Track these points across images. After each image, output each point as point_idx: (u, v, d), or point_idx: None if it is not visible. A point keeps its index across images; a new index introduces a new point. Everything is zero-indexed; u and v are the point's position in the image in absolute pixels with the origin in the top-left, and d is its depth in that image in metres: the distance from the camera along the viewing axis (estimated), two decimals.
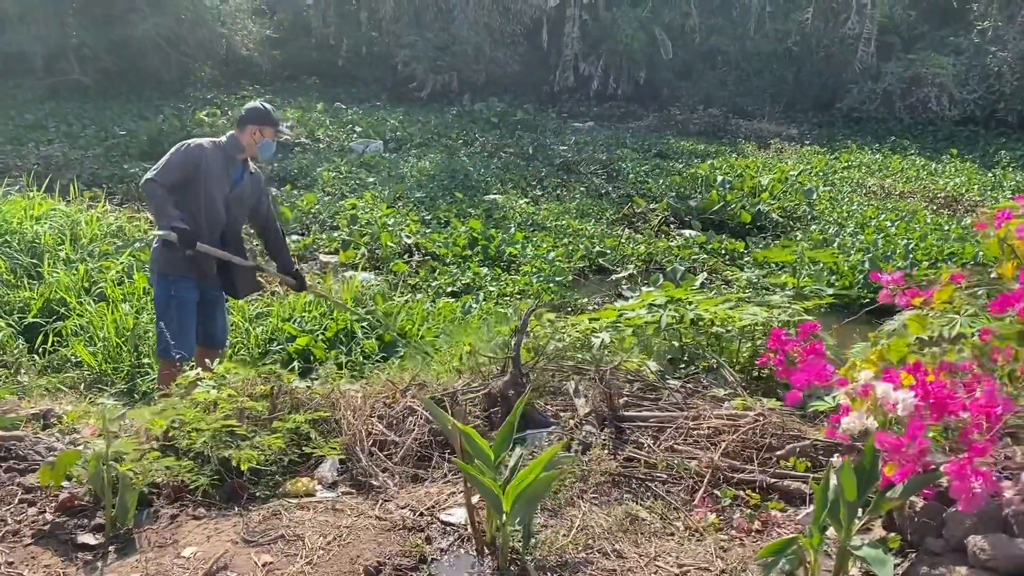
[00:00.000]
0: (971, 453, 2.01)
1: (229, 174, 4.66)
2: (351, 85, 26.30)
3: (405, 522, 2.76)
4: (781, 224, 12.93)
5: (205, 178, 4.54)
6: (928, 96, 23.01)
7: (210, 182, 4.56)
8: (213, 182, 4.57)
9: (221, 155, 4.62)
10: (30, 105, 19.24)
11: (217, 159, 4.59)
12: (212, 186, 4.57)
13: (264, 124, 4.67)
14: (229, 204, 4.69)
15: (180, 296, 4.51)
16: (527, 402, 3.55)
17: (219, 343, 5.01)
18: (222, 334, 5.04)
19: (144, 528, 2.67)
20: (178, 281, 4.51)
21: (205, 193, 4.55)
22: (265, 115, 4.69)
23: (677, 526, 2.90)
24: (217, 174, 4.59)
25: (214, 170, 4.58)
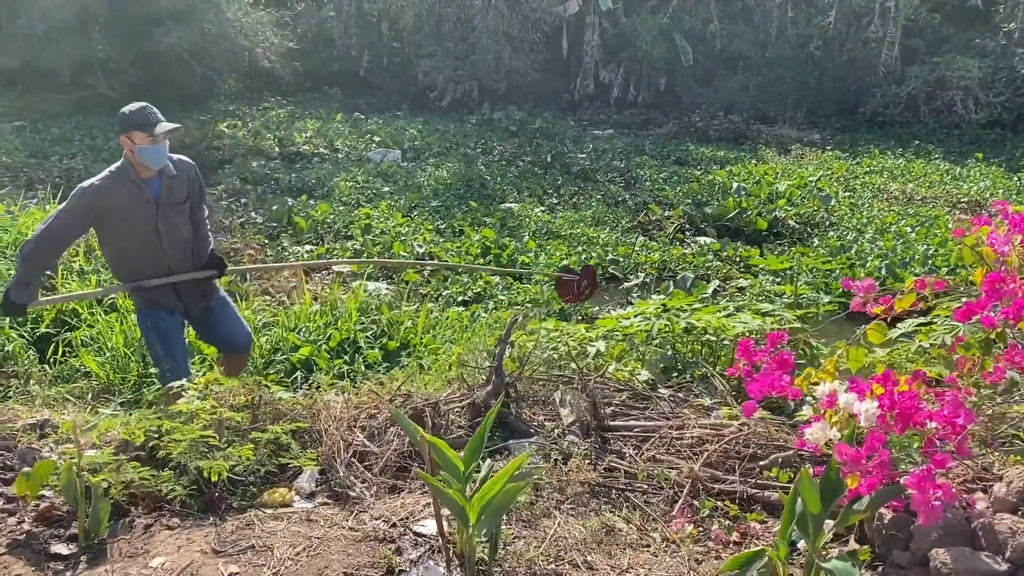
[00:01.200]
0: (931, 465, 1.97)
1: (144, 196, 4.14)
2: (372, 95, 26.51)
3: (377, 533, 2.76)
4: (798, 230, 12.82)
5: (112, 217, 4.12)
6: (953, 99, 22.71)
7: (121, 216, 4.13)
8: (126, 214, 4.13)
9: (123, 182, 4.11)
10: (57, 119, 19.59)
11: (120, 190, 4.10)
12: (126, 219, 4.14)
13: (131, 129, 4.01)
14: (159, 225, 4.20)
15: (157, 326, 4.32)
16: (512, 412, 3.55)
17: (232, 347, 4.71)
18: (234, 337, 4.68)
19: (118, 538, 2.69)
20: (153, 312, 4.35)
21: (121, 229, 4.17)
22: (128, 119, 4.02)
23: (654, 537, 2.88)
24: (129, 204, 4.12)
25: (124, 203, 4.11)
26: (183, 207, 4.30)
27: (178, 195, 4.26)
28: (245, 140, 17.99)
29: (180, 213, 4.29)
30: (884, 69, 24.08)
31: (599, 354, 4.48)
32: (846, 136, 22.70)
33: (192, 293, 4.46)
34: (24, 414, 4.43)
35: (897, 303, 2.29)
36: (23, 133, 17.35)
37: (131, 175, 4.13)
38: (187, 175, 4.33)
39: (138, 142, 4.01)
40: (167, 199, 4.20)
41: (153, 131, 4.00)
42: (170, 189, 4.21)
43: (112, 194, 4.10)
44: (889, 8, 24.30)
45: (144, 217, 4.15)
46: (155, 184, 4.19)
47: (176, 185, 4.24)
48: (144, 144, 4.01)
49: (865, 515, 2.28)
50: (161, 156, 4.11)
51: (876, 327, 2.36)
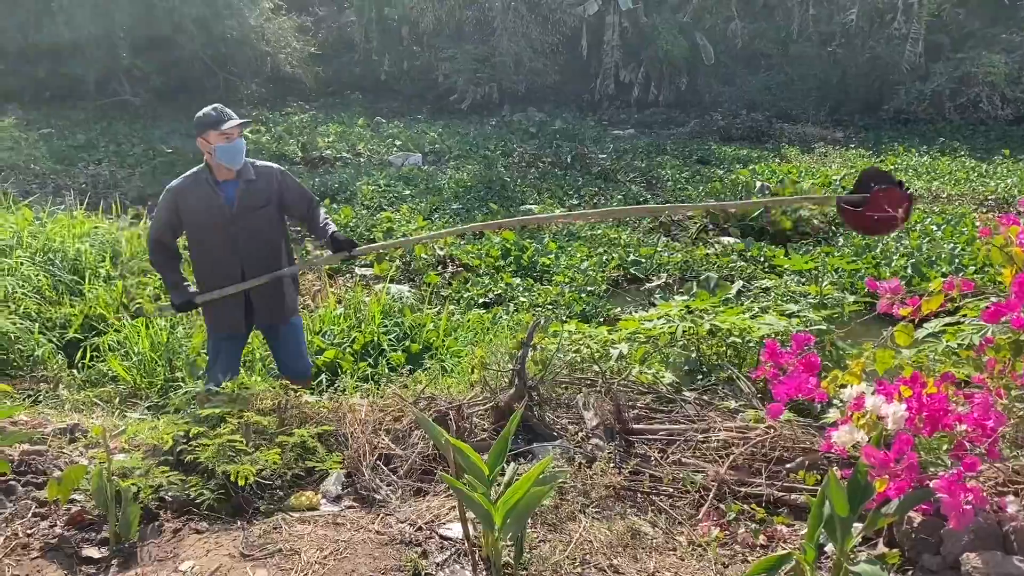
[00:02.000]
0: (961, 468, 1.95)
1: (218, 198, 4.18)
2: (393, 99, 26.63)
3: (403, 536, 2.77)
4: (823, 230, 12.71)
5: (190, 219, 4.22)
6: (979, 96, 22.47)
7: (198, 219, 4.22)
8: (202, 217, 4.21)
9: (200, 184, 4.19)
10: (82, 125, 19.85)
11: (196, 192, 4.19)
12: (202, 221, 4.22)
13: (204, 129, 4.07)
14: (231, 229, 4.23)
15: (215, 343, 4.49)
16: (535, 416, 3.55)
17: (291, 373, 4.61)
18: (292, 363, 4.68)
19: (148, 542, 2.72)
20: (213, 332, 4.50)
21: (197, 232, 4.26)
22: (201, 121, 4.09)
23: (680, 541, 2.87)
24: (204, 206, 4.19)
25: (199, 206, 4.19)
26: (263, 211, 4.28)
27: (256, 200, 4.24)
28: (268, 145, 18.12)
29: (260, 217, 4.28)
30: (908, 66, 23.85)
31: (622, 356, 4.46)
32: (870, 134, 22.50)
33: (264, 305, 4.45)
34: (54, 418, 4.49)
35: (924, 304, 2.27)
36: (50, 140, 17.58)
37: (208, 178, 4.18)
38: (268, 180, 4.31)
39: (213, 141, 4.06)
40: (242, 203, 4.21)
41: (222, 127, 4.03)
42: (246, 193, 4.22)
43: (189, 195, 4.18)
44: (912, 4, 24.06)
45: (218, 221, 4.19)
46: (230, 188, 4.20)
47: (254, 190, 4.24)
48: (219, 143, 4.05)
49: (894, 519, 2.26)
50: (238, 154, 4.13)
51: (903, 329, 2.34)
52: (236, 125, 4.10)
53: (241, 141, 4.18)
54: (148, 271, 8.06)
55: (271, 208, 4.33)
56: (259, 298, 4.41)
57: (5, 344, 6.22)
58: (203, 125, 4.08)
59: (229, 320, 4.42)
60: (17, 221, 8.65)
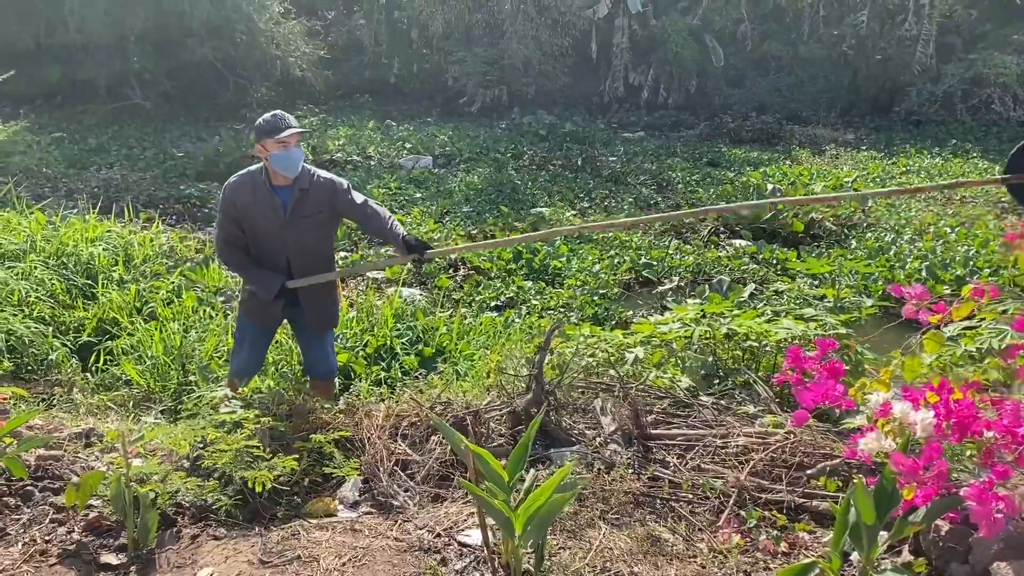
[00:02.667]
0: (992, 476, 1.92)
1: (273, 201, 4.22)
2: (403, 102, 26.65)
3: (422, 543, 2.75)
4: (835, 232, 12.65)
5: (252, 218, 4.26)
6: (991, 97, 22.34)
7: (251, 216, 4.26)
8: (256, 215, 4.25)
9: (258, 185, 4.25)
10: (94, 129, 19.92)
11: (255, 191, 4.24)
12: (255, 220, 4.26)
13: (263, 137, 4.10)
14: (283, 233, 4.27)
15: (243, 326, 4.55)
16: (552, 421, 3.53)
17: (317, 373, 4.73)
18: (318, 364, 4.71)
19: (166, 548, 2.71)
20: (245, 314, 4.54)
21: (250, 229, 4.30)
22: (260, 128, 4.13)
23: (700, 548, 2.84)
24: (258, 207, 4.23)
25: (254, 204, 4.24)
26: (314, 219, 4.30)
27: (308, 209, 4.27)
28: None
29: (311, 226, 4.30)
30: (919, 67, 23.73)
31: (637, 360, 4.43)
32: (881, 136, 22.39)
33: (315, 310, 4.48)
34: (69, 423, 4.50)
35: (954, 312, 2.24)
36: (62, 144, 17.65)
37: (264, 180, 4.21)
38: (321, 191, 4.30)
39: (270, 149, 4.08)
40: (295, 211, 4.23)
41: (280, 135, 4.04)
42: (300, 202, 4.24)
43: (245, 193, 4.23)
44: (924, 5, 23.95)
45: (269, 223, 4.23)
46: (286, 194, 4.22)
47: (308, 200, 4.26)
48: (275, 151, 4.07)
49: (921, 527, 2.22)
50: (294, 163, 4.14)
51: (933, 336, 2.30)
52: (293, 133, 4.11)
53: (299, 150, 4.19)
54: (161, 275, 8.08)
55: (323, 217, 4.34)
56: (309, 301, 4.43)
57: (19, 347, 6.24)
58: (260, 132, 4.12)
59: (266, 314, 4.45)
60: (30, 225, 8.67)
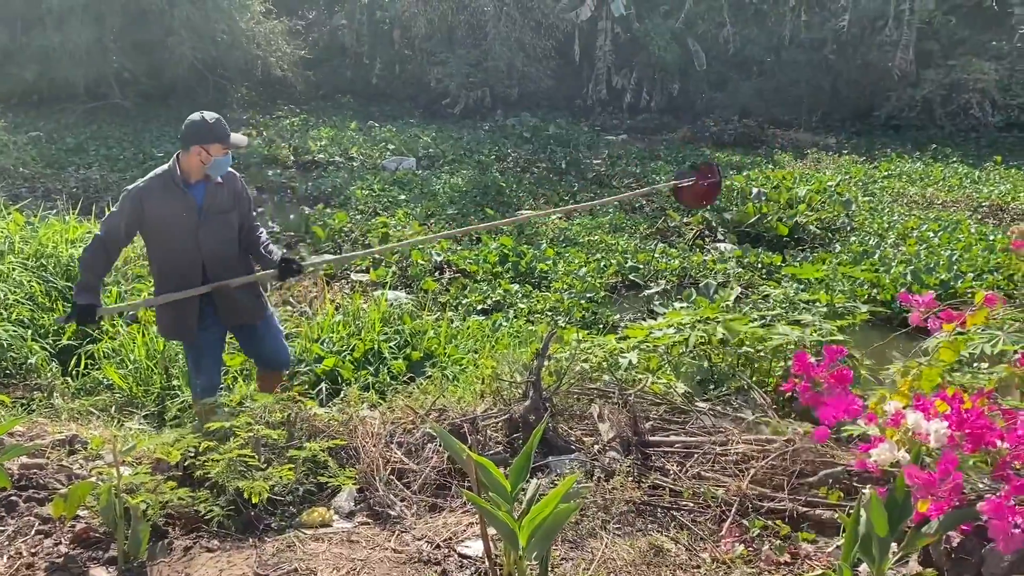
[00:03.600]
0: (1009, 490, 1.89)
1: (188, 202, 4.15)
2: (385, 103, 26.53)
3: (421, 555, 2.69)
4: (819, 236, 12.70)
5: (155, 221, 4.12)
6: (970, 102, 22.59)
7: (163, 221, 4.13)
8: (168, 218, 4.13)
9: (170, 187, 4.12)
10: (72, 129, 19.65)
11: (165, 194, 4.11)
12: (168, 223, 4.14)
13: (207, 142, 4.04)
14: (199, 232, 4.19)
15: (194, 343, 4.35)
16: (550, 428, 3.48)
17: (272, 364, 4.68)
18: (272, 355, 4.63)
19: (157, 561, 2.64)
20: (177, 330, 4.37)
21: (161, 233, 4.17)
22: (207, 130, 4.05)
23: (703, 558, 2.80)
24: (170, 208, 4.12)
25: (165, 208, 4.11)
26: (228, 217, 4.28)
27: (223, 204, 4.24)
28: (260, 149, 17.99)
29: (224, 224, 4.27)
30: (899, 72, 23.93)
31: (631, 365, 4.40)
32: (862, 140, 22.56)
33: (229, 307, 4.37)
34: (51, 429, 4.39)
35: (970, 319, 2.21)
36: (39, 143, 17.39)
37: (177, 180, 4.12)
38: (232, 185, 4.32)
39: (214, 153, 4.07)
40: (211, 206, 4.19)
41: (229, 142, 4.09)
42: (215, 196, 4.21)
43: (157, 196, 4.09)
44: (904, 11, 24.17)
45: (185, 223, 4.13)
46: (199, 190, 4.18)
47: (221, 194, 4.23)
48: (219, 156, 4.09)
49: (934, 539, 2.19)
50: (226, 167, 4.21)
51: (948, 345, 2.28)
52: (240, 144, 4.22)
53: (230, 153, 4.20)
54: (143, 277, 7.94)
55: (234, 215, 4.34)
56: (224, 300, 4.33)
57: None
58: (206, 136, 4.04)
59: (180, 326, 4.32)
60: (8, 226, 8.51)
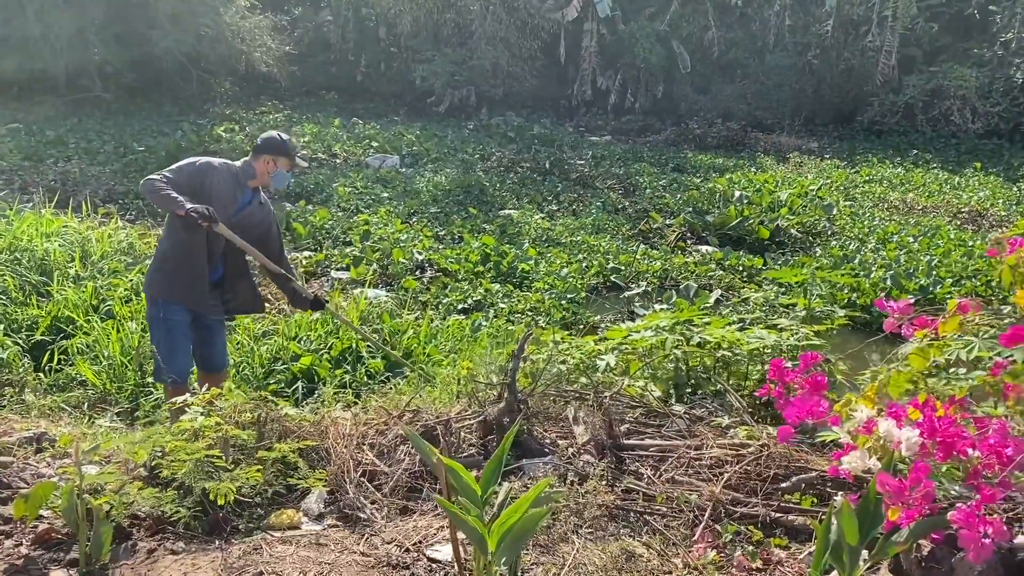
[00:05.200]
0: (980, 500, 1.88)
1: (236, 198, 4.56)
2: (369, 100, 26.42)
3: (390, 558, 2.66)
4: (800, 240, 12.77)
5: (209, 197, 4.40)
6: (951, 109, 22.77)
7: (213, 202, 4.38)
8: (216, 203, 4.39)
9: (231, 178, 4.54)
10: (52, 121, 19.42)
11: (226, 180, 4.51)
12: (215, 206, 4.36)
13: (279, 155, 4.58)
14: (229, 225, 4.45)
15: (169, 318, 4.41)
16: (524, 430, 3.45)
17: (217, 367, 4.87)
18: (220, 358, 4.91)
19: (120, 563, 2.58)
20: (169, 305, 4.43)
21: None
22: (281, 146, 4.60)
23: (675, 563, 2.78)
24: (223, 195, 4.47)
25: (220, 190, 4.46)
26: (253, 231, 4.63)
27: (257, 219, 4.68)
28: (242, 144, 17.84)
29: (247, 234, 4.55)
30: (881, 78, 24.10)
31: (609, 368, 4.38)
32: (844, 144, 22.70)
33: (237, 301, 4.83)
34: (19, 426, 4.32)
35: (941, 327, 2.20)
36: (18, 135, 17.17)
37: (242, 178, 4.59)
38: (270, 214, 4.84)
39: (280, 166, 4.61)
40: (247, 214, 4.62)
41: (294, 161, 4.68)
42: (254, 209, 4.67)
43: (219, 177, 4.48)
44: (887, 17, 24.33)
45: (224, 211, 4.40)
46: (248, 197, 4.64)
47: (260, 211, 4.72)
48: (284, 169, 4.63)
49: (904, 547, 2.18)
50: (285, 182, 4.75)
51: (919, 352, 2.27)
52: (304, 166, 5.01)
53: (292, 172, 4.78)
54: (119, 272, 7.86)
55: (259, 232, 4.72)
56: (234, 295, 4.77)
57: None
58: (280, 150, 4.59)
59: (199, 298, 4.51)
60: None
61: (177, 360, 4.41)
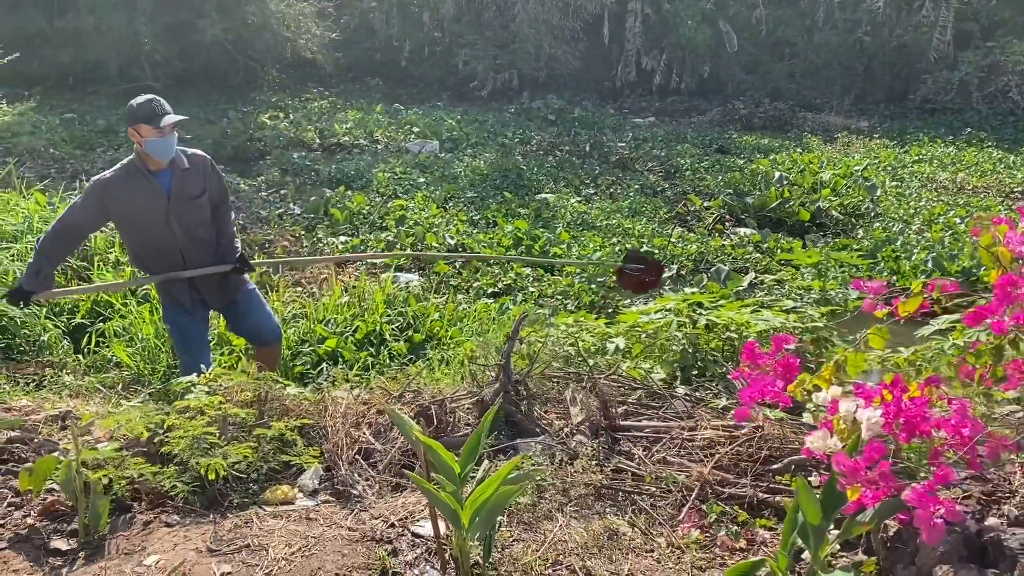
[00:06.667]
0: (933, 479, 1.87)
1: (153, 186, 4.14)
2: (413, 86, 26.53)
3: (375, 533, 2.73)
4: (842, 221, 12.53)
5: (122, 213, 4.17)
6: (1008, 85, 22.00)
7: (132, 211, 4.16)
8: (137, 208, 4.15)
9: (133, 175, 4.14)
10: (104, 111, 19.94)
11: (130, 182, 4.13)
12: (137, 213, 4.17)
13: (138, 123, 4.00)
14: (170, 218, 4.20)
15: (176, 319, 4.44)
16: (520, 411, 3.50)
17: (265, 340, 4.72)
18: (266, 331, 4.70)
19: (117, 535, 2.70)
20: (169, 308, 4.46)
21: (133, 224, 4.24)
22: (135, 112, 4.00)
23: (659, 542, 2.80)
24: (137, 197, 4.13)
25: (131, 196, 4.13)
26: (199, 201, 4.27)
27: (191, 189, 4.23)
28: (286, 131, 18.12)
29: (196, 208, 4.27)
30: (935, 54, 23.37)
31: (618, 351, 4.40)
32: (895, 123, 22.11)
33: (211, 290, 4.50)
34: (48, 405, 4.50)
35: (902, 307, 2.18)
36: (72, 125, 17.69)
37: (141, 168, 4.13)
38: (202, 169, 4.31)
39: (145, 135, 4.01)
40: (179, 192, 4.19)
41: (159, 124, 3.97)
42: (182, 182, 4.20)
43: (122, 187, 4.12)
44: None
45: (155, 210, 4.15)
46: (165, 177, 4.17)
47: (189, 179, 4.22)
48: (151, 137, 4.00)
49: (869, 527, 2.18)
50: (168, 149, 4.09)
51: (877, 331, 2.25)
52: (172, 124, 4.04)
53: (174, 137, 4.13)
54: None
55: (204, 197, 4.32)
56: (205, 285, 4.44)
57: (12, 328, 6.26)
58: (137, 118, 4.01)
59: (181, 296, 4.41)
60: (29, 206, 8.70)
61: (193, 354, 4.40)
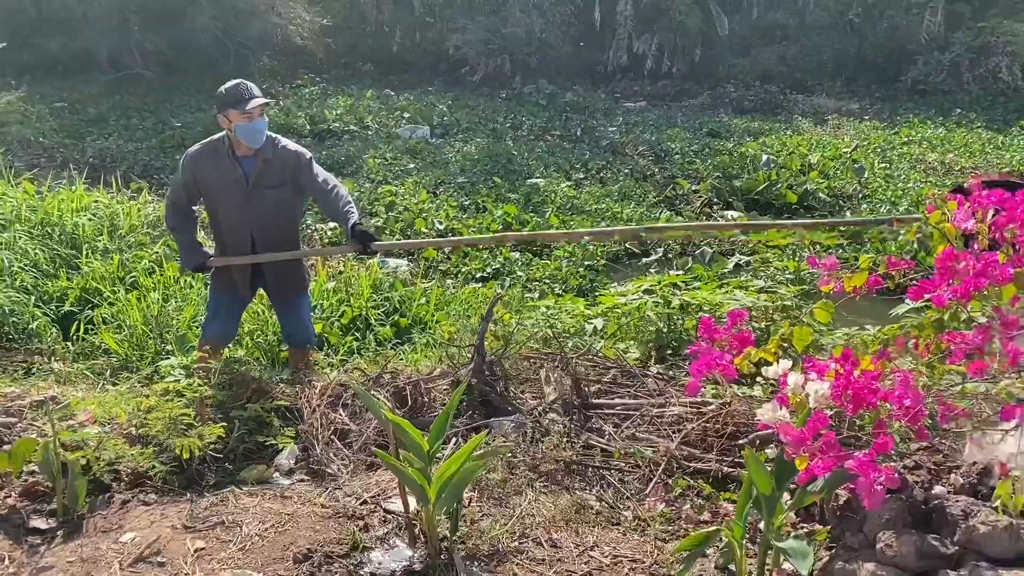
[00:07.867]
0: (873, 448, 1.94)
1: (235, 172, 4.15)
2: (405, 72, 26.46)
3: (347, 510, 2.80)
4: (829, 203, 12.58)
5: (205, 187, 4.20)
6: (999, 66, 22.00)
7: (212, 188, 4.20)
8: (217, 187, 4.18)
9: (219, 154, 4.16)
10: (94, 99, 19.89)
11: (216, 162, 4.16)
12: (217, 191, 4.20)
13: (226, 108, 4.01)
14: (246, 204, 4.20)
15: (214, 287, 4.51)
16: (494, 391, 3.56)
17: (295, 343, 4.71)
18: (298, 335, 4.67)
19: (96, 514, 2.77)
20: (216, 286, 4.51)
21: (212, 201, 4.26)
22: (223, 97, 4.03)
23: (625, 515, 2.88)
24: (220, 178, 4.16)
25: (215, 176, 4.16)
26: (278, 191, 4.22)
27: (271, 179, 4.19)
28: (276, 118, 18.07)
29: (274, 198, 4.22)
30: (926, 35, 23.36)
31: (596, 331, 4.46)
32: (886, 105, 22.13)
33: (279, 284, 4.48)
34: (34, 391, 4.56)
35: (847, 282, 2.24)
36: (62, 114, 17.66)
37: (228, 151, 4.13)
38: (285, 162, 4.22)
39: (233, 120, 4.00)
40: (257, 181, 4.16)
41: (245, 108, 3.96)
42: (262, 173, 4.16)
43: (206, 163, 4.17)
44: None
45: (232, 194, 4.16)
46: (249, 164, 4.15)
47: (270, 170, 4.17)
48: (239, 122, 3.99)
49: (820, 496, 2.25)
50: (258, 135, 4.07)
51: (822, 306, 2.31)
52: (259, 105, 4.02)
53: (263, 120, 4.11)
54: (145, 244, 8.12)
55: (285, 189, 4.26)
56: (271, 272, 4.41)
57: (1, 317, 6.31)
58: (224, 103, 4.02)
59: (231, 285, 4.43)
60: (18, 195, 8.72)
61: (211, 324, 4.48)
